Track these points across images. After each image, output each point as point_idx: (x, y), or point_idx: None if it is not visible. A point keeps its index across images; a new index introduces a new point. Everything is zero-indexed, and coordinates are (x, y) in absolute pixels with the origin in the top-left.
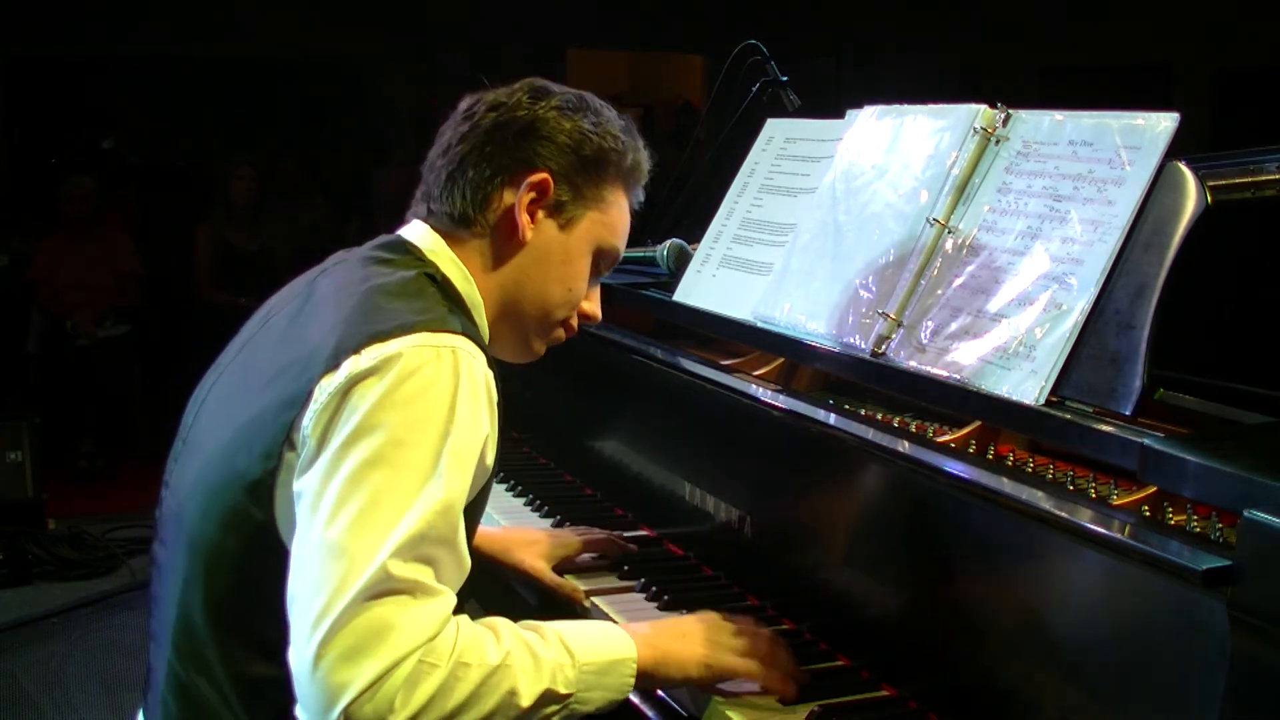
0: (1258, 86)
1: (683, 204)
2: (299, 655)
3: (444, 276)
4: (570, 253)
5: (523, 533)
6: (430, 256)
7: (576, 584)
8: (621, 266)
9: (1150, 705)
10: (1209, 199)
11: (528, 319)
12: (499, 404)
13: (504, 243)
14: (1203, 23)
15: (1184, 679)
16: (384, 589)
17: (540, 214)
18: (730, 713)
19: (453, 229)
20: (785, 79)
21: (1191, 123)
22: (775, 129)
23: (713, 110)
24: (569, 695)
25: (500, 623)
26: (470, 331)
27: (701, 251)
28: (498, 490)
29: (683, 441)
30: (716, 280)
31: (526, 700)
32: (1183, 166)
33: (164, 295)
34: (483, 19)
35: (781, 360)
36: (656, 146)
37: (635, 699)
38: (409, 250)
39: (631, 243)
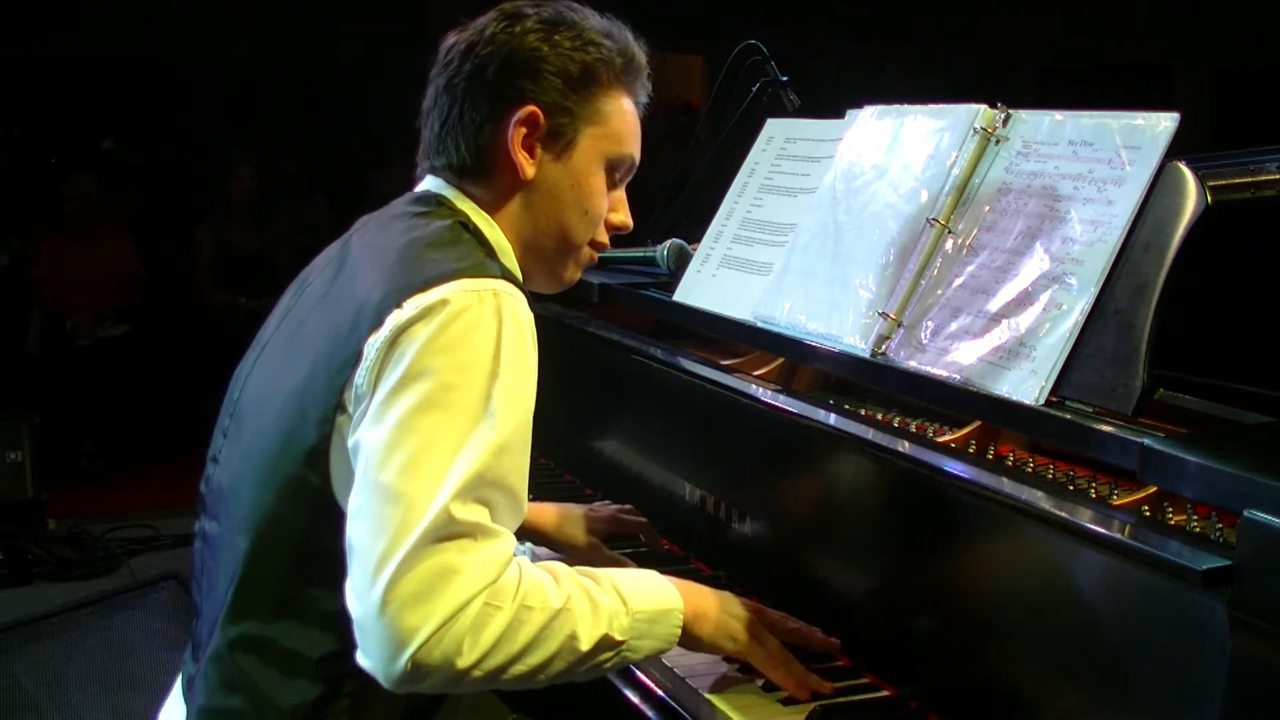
0: (1258, 86)
1: (683, 204)
2: (363, 600)
3: (473, 224)
4: (578, 176)
5: (571, 509)
6: (459, 205)
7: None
8: (621, 266)
9: (1150, 705)
10: (1209, 199)
11: (551, 250)
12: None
13: (510, 184)
14: (1203, 23)
15: (1184, 679)
16: (447, 532)
17: (538, 147)
18: (730, 712)
19: (459, 180)
20: (785, 79)
21: (1191, 123)
22: (775, 129)
23: (713, 110)
24: (623, 642)
25: (559, 567)
26: (509, 275)
27: (701, 251)
28: None
29: (683, 441)
30: (716, 280)
31: (586, 644)
32: (1183, 166)
33: (164, 295)
34: None
35: (781, 360)
36: (656, 147)
37: (636, 700)
38: (441, 202)
39: (632, 242)
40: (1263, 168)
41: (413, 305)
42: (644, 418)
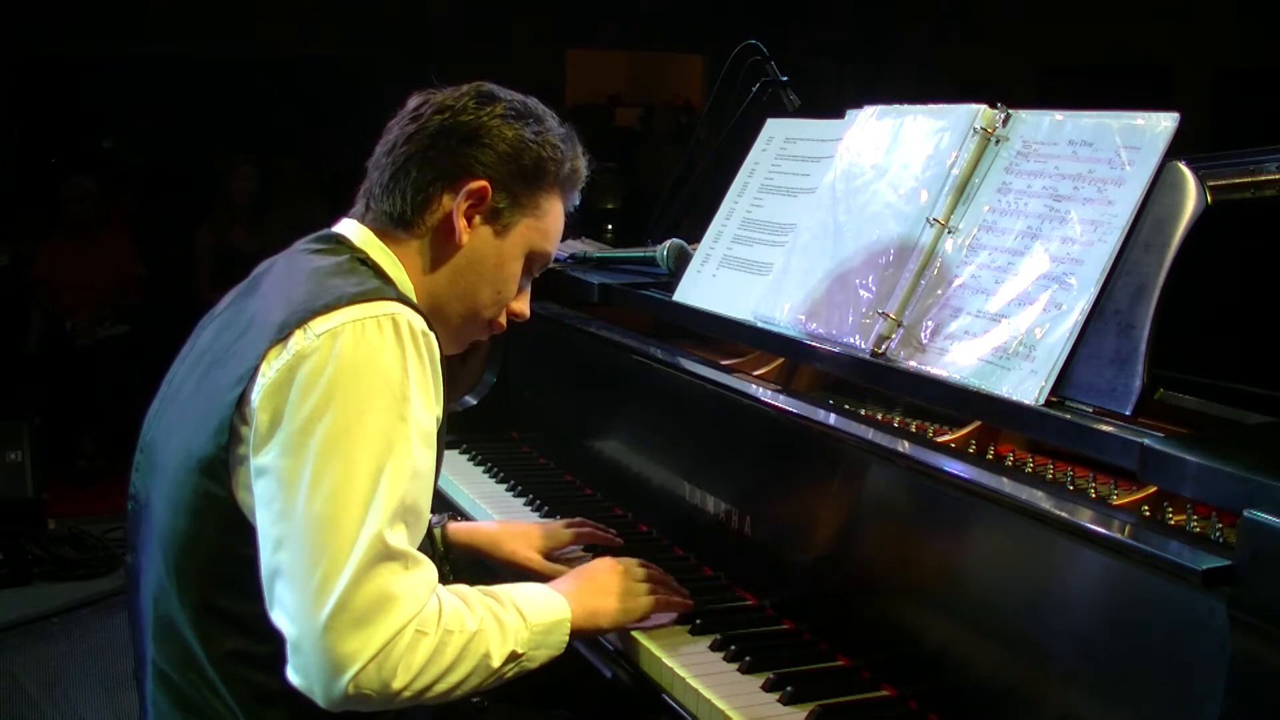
0: (1258, 86)
1: (683, 204)
2: (300, 624)
3: (374, 261)
4: (503, 257)
5: (512, 525)
6: (361, 246)
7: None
8: (621, 266)
9: (1150, 705)
10: (1209, 199)
11: (454, 316)
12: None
13: (440, 245)
14: (1203, 23)
15: (1184, 679)
16: (382, 558)
17: (477, 219)
18: (729, 711)
19: (390, 228)
20: (785, 79)
21: (1191, 123)
22: (775, 129)
23: (713, 110)
24: (523, 654)
25: (466, 590)
26: (405, 299)
27: (701, 251)
28: (498, 490)
29: (683, 441)
30: (716, 280)
31: (497, 661)
32: (1183, 166)
33: (164, 295)
34: (482, 19)
35: (781, 360)
36: (656, 146)
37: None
38: (340, 241)
39: (632, 242)
40: (1263, 168)
41: (316, 329)
42: (644, 418)
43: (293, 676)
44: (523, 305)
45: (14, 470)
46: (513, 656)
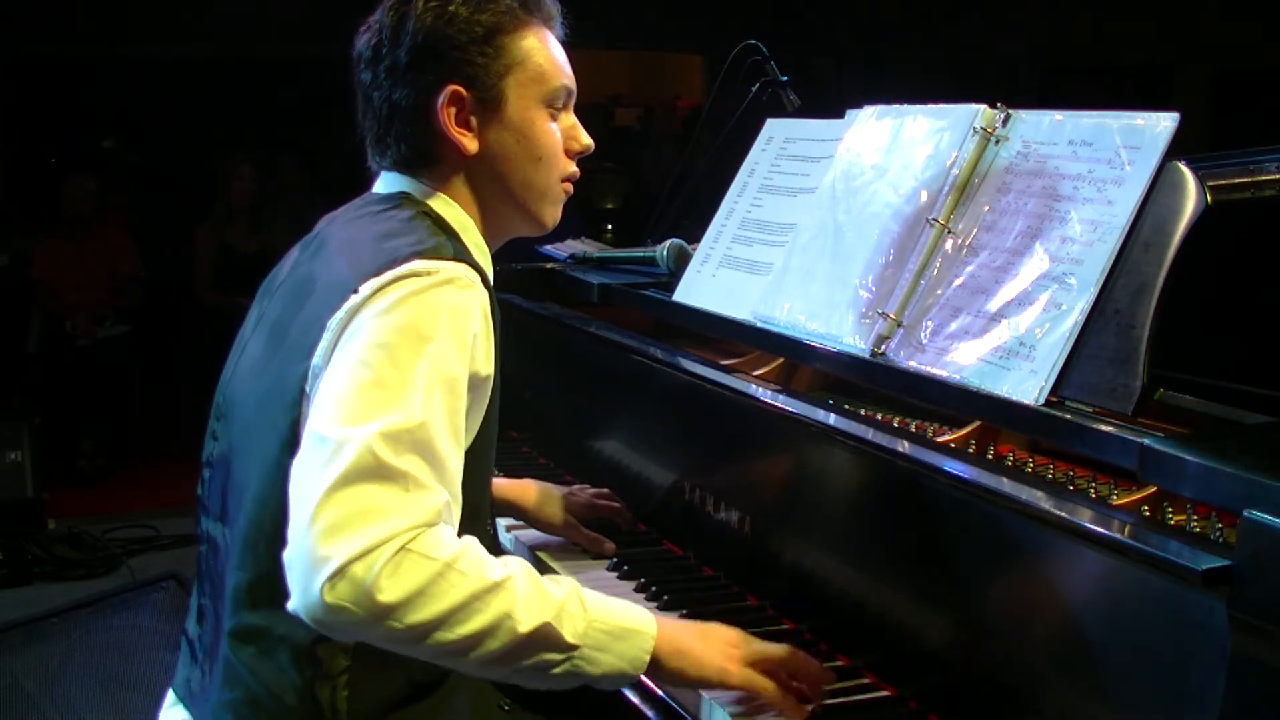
0: (1258, 86)
1: (683, 204)
2: (292, 534)
3: (435, 212)
4: (520, 129)
5: (541, 490)
6: (419, 196)
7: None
8: (621, 266)
9: (1150, 705)
10: (1209, 199)
11: (522, 204)
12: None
13: (459, 161)
14: (1203, 23)
15: (1184, 679)
16: (372, 472)
17: (472, 119)
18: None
19: (412, 171)
20: (785, 79)
21: (1191, 123)
22: (775, 129)
23: (713, 110)
24: (575, 647)
25: (513, 558)
26: (464, 256)
27: (701, 251)
28: None
29: (683, 441)
30: (716, 280)
31: (524, 627)
32: (1183, 166)
33: (164, 295)
34: None
35: (781, 360)
36: (656, 146)
37: (636, 700)
38: (404, 195)
39: (632, 242)
40: (1263, 168)
41: (367, 288)
42: (644, 418)
43: (289, 605)
44: (581, 141)
45: (14, 470)
46: (554, 638)
